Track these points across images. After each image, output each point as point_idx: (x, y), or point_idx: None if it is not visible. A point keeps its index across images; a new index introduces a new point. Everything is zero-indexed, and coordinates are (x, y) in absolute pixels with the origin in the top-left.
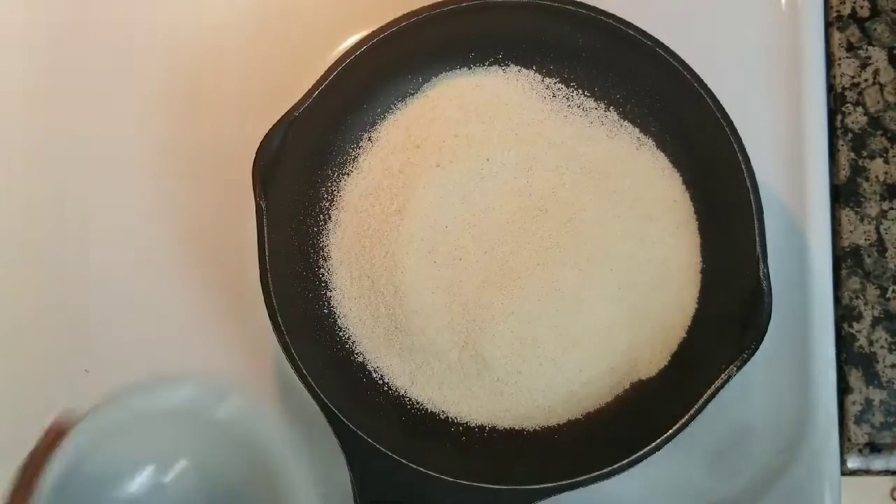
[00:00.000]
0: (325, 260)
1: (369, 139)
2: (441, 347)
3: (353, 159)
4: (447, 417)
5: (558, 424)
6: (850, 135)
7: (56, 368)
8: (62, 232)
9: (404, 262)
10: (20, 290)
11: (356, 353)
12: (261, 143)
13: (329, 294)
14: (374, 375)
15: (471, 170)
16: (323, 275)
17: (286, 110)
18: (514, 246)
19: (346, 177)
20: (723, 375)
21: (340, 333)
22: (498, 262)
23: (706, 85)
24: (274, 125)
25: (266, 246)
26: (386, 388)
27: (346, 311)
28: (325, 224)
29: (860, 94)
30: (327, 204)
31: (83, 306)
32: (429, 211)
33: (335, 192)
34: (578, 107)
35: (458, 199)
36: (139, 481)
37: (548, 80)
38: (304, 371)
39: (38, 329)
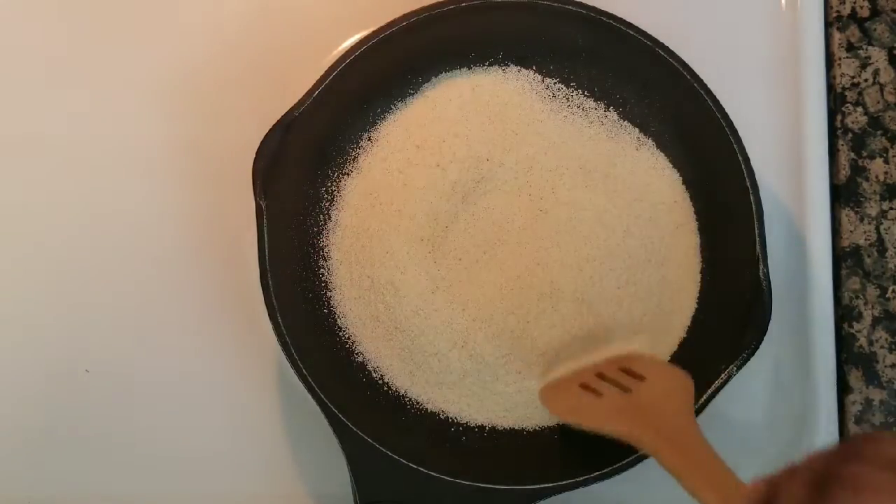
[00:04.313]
0: (325, 260)
1: (369, 139)
2: (441, 347)
3: (353, 159)
4: (447, 417)
5: (558, 424)
6: (850, 135)
7: (56, 368)
8: (62, 232)
9: (404, 262)
10: (20, 290)
11: (356, 353)
12: (261, 143)
13: (329, 294)
14: (374, 375)
15: (470, 170)
16: (323, 275)
17: (286, 110)
18: (513, 246)
19: (346, 177)
20: (723, 375)
21: (340, 333)
22: (497, 262)
23: (706, 85)
24: (274, 125)
25: (266, 246)
26: (386, 388)
27: (346, 311)
28: (325, 224)
29: (860, 94)
30: (327, 204)
31: (83, 306)
32: (428, 211)
33: (335, 192)
34: (578, 107)
35: (458, 199)
36: None
37: (548, 80)
38: (304, 371)
39: (38, 329)
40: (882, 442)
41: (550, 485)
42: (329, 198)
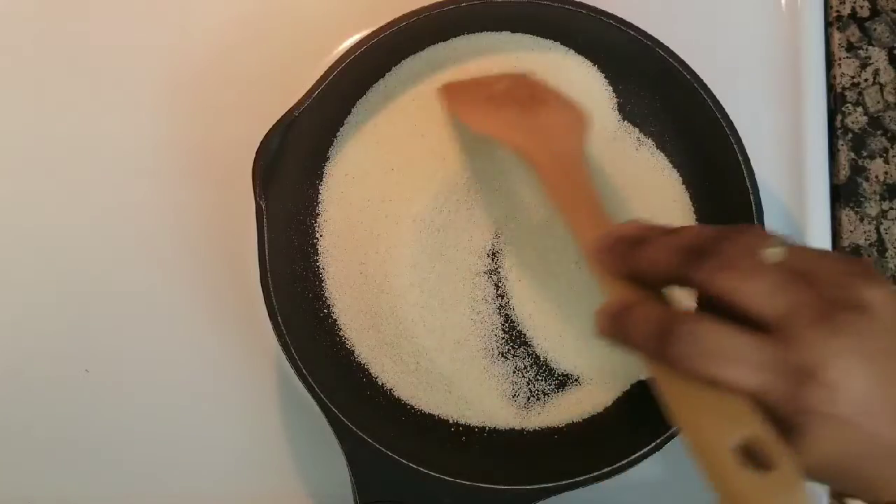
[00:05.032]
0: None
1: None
2: (439, 348)
3: (353, 159)
4: (447, 418)
5: (558, 425)
6: (850, 135)
7: (56, 368)
8: (62, 231)
9: (403, 262)
10: (20, 289)
11: (356, 354)
12: (261, 143)
13: (329, 294)
14: (374, 375)
15: (469, 170)
16: (323, 275)
17: (286, 110)
18: (512, 246)
19: (345, 176)
20: None
21: (340, 333)
22: (496, 262)
23: (706, 85)
24: (274, 125)
25: (266, 246)
26: (386, 389)
27: (345, 311)
28: (325, 224)
29: (860, 94)
30: (327, 204)
31: (83, 306)
32: (427, 212)
33: (335, 192)
34: None
35: (455, 201)
36: None
37: None
38: (304, 371)
39: (38, 329)
40: (752, 233)
41: (550, 485)
42: (329, 198)
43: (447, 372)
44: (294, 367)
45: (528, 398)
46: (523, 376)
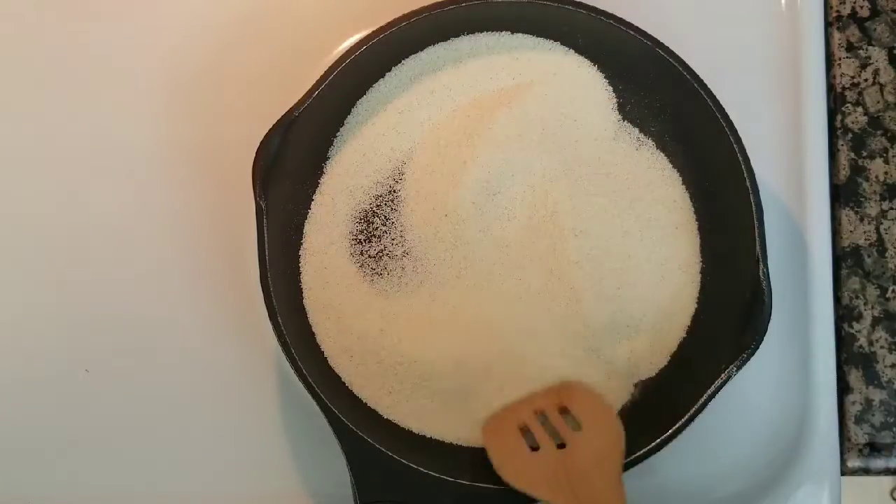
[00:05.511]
0: None
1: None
2: (434, 358)
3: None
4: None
5: None
6: (850, 135)
7: (56, 368)
8: (62, 231)
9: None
10: (21, 289)
11: None
12: (261, 143)
13: None
14: None
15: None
16: None
17: (286, 110)
18: (513, 248)
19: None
20: (723, 375)
21: None
22: (497, 269)
23: (706, 85)
24: (274, 125)
25: (266, 246)
26: None
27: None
28: None
29: (860, 94)
30: None
31: (83, 306)
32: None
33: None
34: None
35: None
36: None
37: None
38: (304, 371)
39: (38, 329)
40: None
41: None
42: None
43: (441, 390)
44: (294, 368)
45: None
46: None
